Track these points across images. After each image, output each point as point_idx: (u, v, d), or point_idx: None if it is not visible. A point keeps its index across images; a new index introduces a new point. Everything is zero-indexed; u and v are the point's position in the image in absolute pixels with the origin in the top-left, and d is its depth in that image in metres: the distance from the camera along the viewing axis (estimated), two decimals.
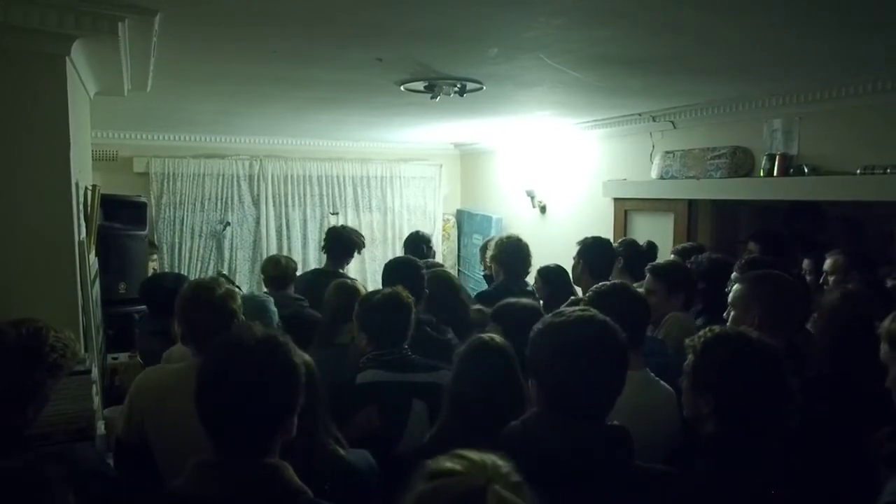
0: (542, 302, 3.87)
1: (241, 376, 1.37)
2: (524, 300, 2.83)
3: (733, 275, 3.01)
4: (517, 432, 1.56)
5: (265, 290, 4.10)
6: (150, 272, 4.75)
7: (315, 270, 4.47)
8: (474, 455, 0.97)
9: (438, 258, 6.20)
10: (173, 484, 1.38)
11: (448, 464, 0.96)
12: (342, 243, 4.26)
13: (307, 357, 1.94)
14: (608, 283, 2.52)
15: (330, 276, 3.92)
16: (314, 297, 3.61)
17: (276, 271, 4.03)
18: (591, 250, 3.58)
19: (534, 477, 1.00)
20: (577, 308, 1.74)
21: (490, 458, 0.98)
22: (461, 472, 0.94)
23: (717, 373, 1.67)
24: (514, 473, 0.96)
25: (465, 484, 0.92)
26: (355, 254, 4.36)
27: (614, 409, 1.58)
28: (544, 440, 1.50)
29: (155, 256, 5.05)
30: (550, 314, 1.70)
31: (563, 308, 1.80)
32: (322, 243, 4.47)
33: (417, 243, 4.64)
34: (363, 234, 4.72)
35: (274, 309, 3.07)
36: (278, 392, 1.40)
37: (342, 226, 4.64)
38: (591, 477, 1.45)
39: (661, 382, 2.18)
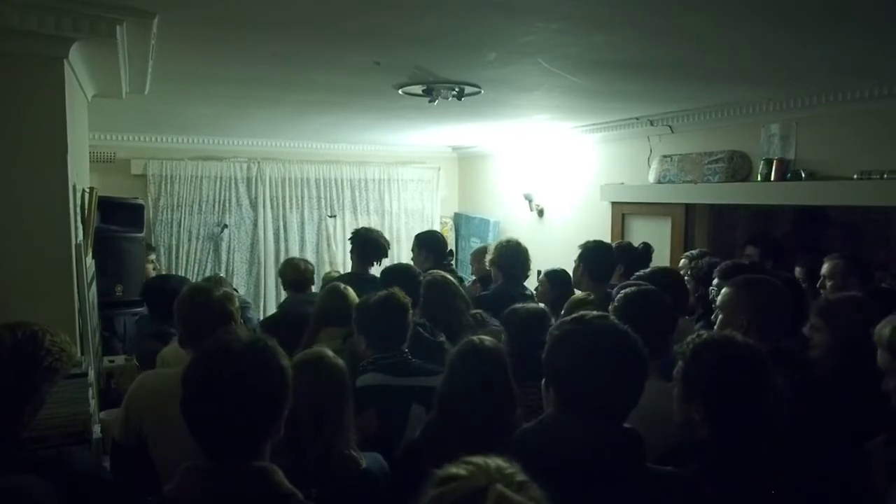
0: (542, 305, 3.89)
1: (229, 381, 1.36)
2: (530, 305, 2.84)
3: (714, 280, 2.99)
4: (534, 433, 1.56)
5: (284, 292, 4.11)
6: (151, 274, 4.74)
7: (347, 274, 4.44)
8: (479, 459, 1.00)
9: None
10: (165, 489, 1.38)
11: (453, 469, 0.99)
12: (369, 245, 4.22)
13: (340, 361, 1.95)
14: (636, 286, 2.46)
15: (360, 278, 3.89)
16: None
17: (295, 275, 4.03)
18: (592, 254, 3.57)
19: (549, 477, 1.01)
20: (596, 314, 1.74)
21: (494, 460, 1.00)
22: (465, 475, 0.97)
23: (707, 379, 1.67)
24: (519, 473, 0.98)
25: (468, 486, 0.95)
26: (382, 255, 4.30)
27: (636, 416, 1.59)
28: (560, 441, 1.51)
29: (153, 257, 5.00)
30: (570, 318, 1.70)
31: (582, 312, 1.79)
32: (349, 246, 4.40)
33: (442, 249, 4.44)
34: None
35: (251, 315, 3.06)
36: (267, 396, 1.39)
37: (367, 228, 4.56)
38: (604, 478, 1.46)
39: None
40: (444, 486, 0.96)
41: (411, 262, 4.21)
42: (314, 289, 4.30)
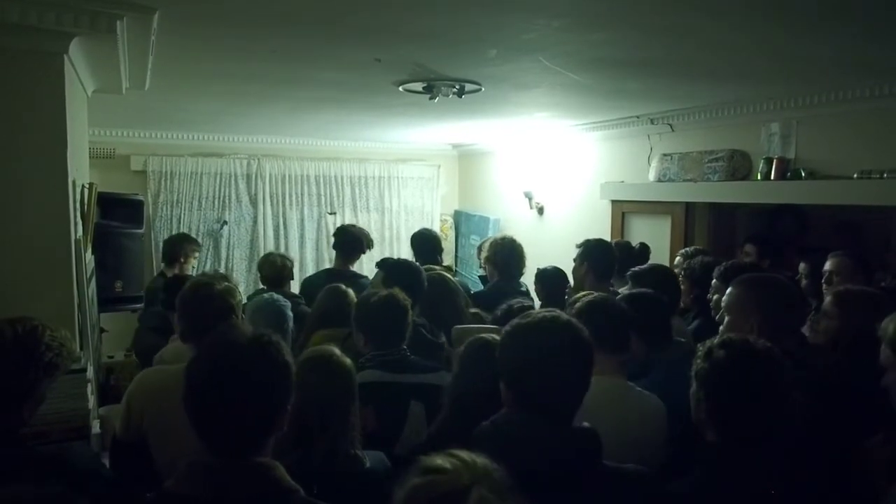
0: (539, 304, 3.89)
1: (233, 376, 1.36)
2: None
3: (713, 282, 2.95)
4: (488, 433, 1.56)
5: (261, 287, 4.10)
6: (191, 270, 4.74)
7: (328, 270, 4.46)
8: (466, 455, 1.00)
9: None
10: (165, 484, 1.38)
11: (439, 461, 0.99)
12: (350, 241, 4.25)
13: (348, 361, 1.95)
14: (591, 295, 2.49)
15: (341, 274, 3.92)
16: None
17: (273, 271, 4.03)
18: (597, 252, 3.56)
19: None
20: (543, 310, 1.75)
21: (481, 459, 1.00)
22: (450, 470, 0.97)
23: (715, 380, 1.66)
24: (504, 477, 0.98)
25: (451, 483, 0.95)
26: (364, 251, 4.33)
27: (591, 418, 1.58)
28: (514, 440, 1.50)
29: (197, 254, 4.96)
30: (519, 316, 1.71)
31: (532, 311, 1.81)
32: (332, 242, 4.44)
33: (433, 245, 4.43)
34: None
35: (290, 314, 3.05)
36: (270, 392, 1.39)
37: (350, 224, 4.59)
38: (560, 477, 1.46)
39: (644, 393, 2.16)
40: (427, 478, 0.96)
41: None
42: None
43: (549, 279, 3.83)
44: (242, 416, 1.35)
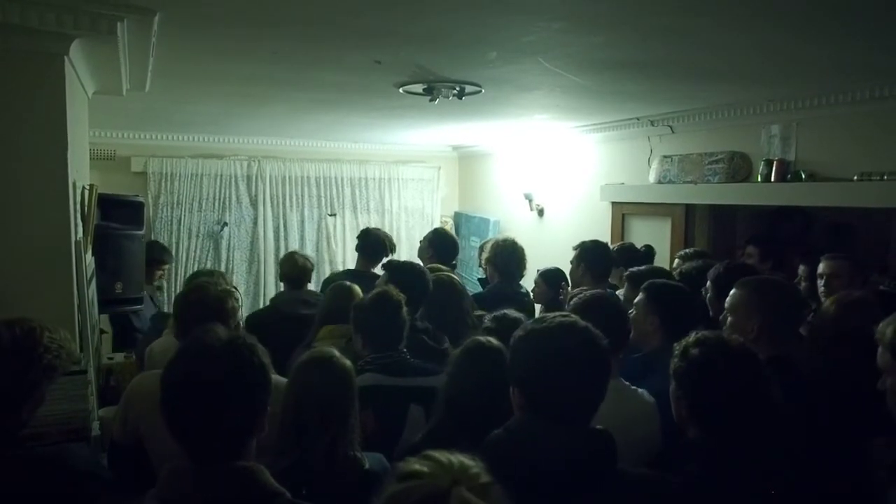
0: (539, 305, 3.89)
1: (208, 381, 1.35)
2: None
3: (707, 283, 2.93)
4: (502, 440, 1.54)
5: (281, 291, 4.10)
6: (156, 282, 4.69)
7: (349, 270, 4.47)
8: (442, 456, 0.97)
9: None
10: (148, 493, 1.36)
11: (416, 466, 0.96)
12: (373, 244, 4.24)
13: (348, 362, 1.95)
14: (590, 292, 2.50)
15: (362, 276, 3.93)
16: None
17: (294, 270, 4.03)
18: (592, 253, 3.57)
19: (520, 484, 0.99)
20: (557, 314, 1.74)
21: (458, 458, 0.97)
22: (427, 473, 0.95)
23: (690, 377, 1.68)
24: (483, 474, 0.96)
25: (428, 487, 0.93)
26: (388, 255, 4.32)
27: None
28: (529, 447, 1.49)
29: (166, 266, 4.85)
30: (532, 319, 1.70)
31: (545, 314, 1.80)
32: (349, 244, 4.43)
33: (448, 249, 4.35)
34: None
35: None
36: (247, 395, 1.38)
37: (375, 228, 4.61)
38: (576, 482, 1.45)
39: (638, 391, 2.16)
40: (405, 484, 0.94)
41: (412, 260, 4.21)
42: (312, 286, 4.30)
43: (552, 277, 3.85)
44: (218, 421, 1.34)
